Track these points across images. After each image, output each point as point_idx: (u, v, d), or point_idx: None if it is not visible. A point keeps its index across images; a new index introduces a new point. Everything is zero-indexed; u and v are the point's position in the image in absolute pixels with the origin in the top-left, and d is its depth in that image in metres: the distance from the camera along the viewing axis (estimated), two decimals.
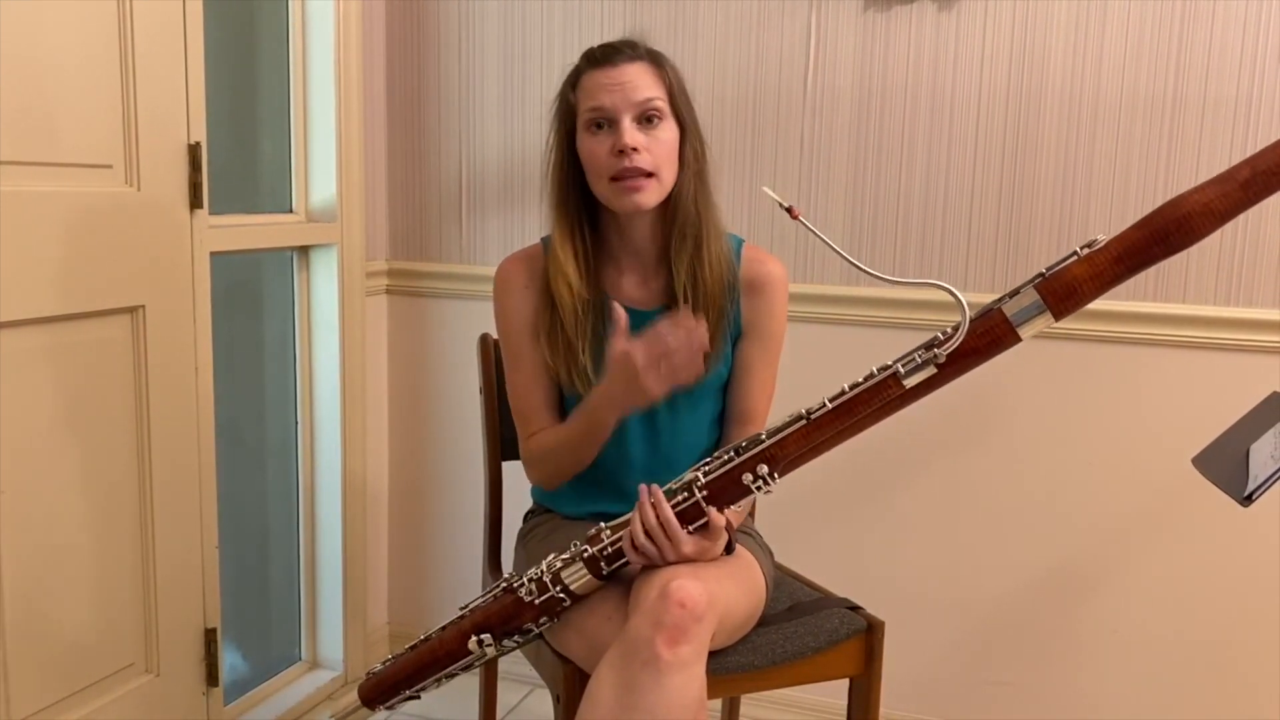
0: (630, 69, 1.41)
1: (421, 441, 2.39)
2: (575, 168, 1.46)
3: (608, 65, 1.41)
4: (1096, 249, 1.17)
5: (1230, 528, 1.84)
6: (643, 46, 1.45)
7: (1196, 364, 1.85)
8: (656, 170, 1.41)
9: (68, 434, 1.60)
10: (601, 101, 1.40)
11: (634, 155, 1.38)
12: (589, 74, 1.43)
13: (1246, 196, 1.11)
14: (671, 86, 1.43)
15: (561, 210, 1.48)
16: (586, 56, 1.45)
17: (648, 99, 1.40)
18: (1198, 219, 1.12)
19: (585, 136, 1.43)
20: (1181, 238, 1.14)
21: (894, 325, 1.98)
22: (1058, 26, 1.85)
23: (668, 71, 1.44)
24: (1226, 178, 1.12)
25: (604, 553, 1.30)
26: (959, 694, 2.06)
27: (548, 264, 1.49)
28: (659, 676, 1.17)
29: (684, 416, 1.51)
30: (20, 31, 1.47)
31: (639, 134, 1.39)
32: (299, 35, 2.12)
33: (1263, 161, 1.11)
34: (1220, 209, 1.12)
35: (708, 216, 1.47)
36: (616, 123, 1.39)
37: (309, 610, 2.31)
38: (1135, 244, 1.16)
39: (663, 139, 1.41)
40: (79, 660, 1.65)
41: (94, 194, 1.60)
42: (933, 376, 1.22)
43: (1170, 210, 1.14)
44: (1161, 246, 1.15)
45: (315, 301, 2.21)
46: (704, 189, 1.47)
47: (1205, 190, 1.12)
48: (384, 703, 1.44)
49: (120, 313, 1.67)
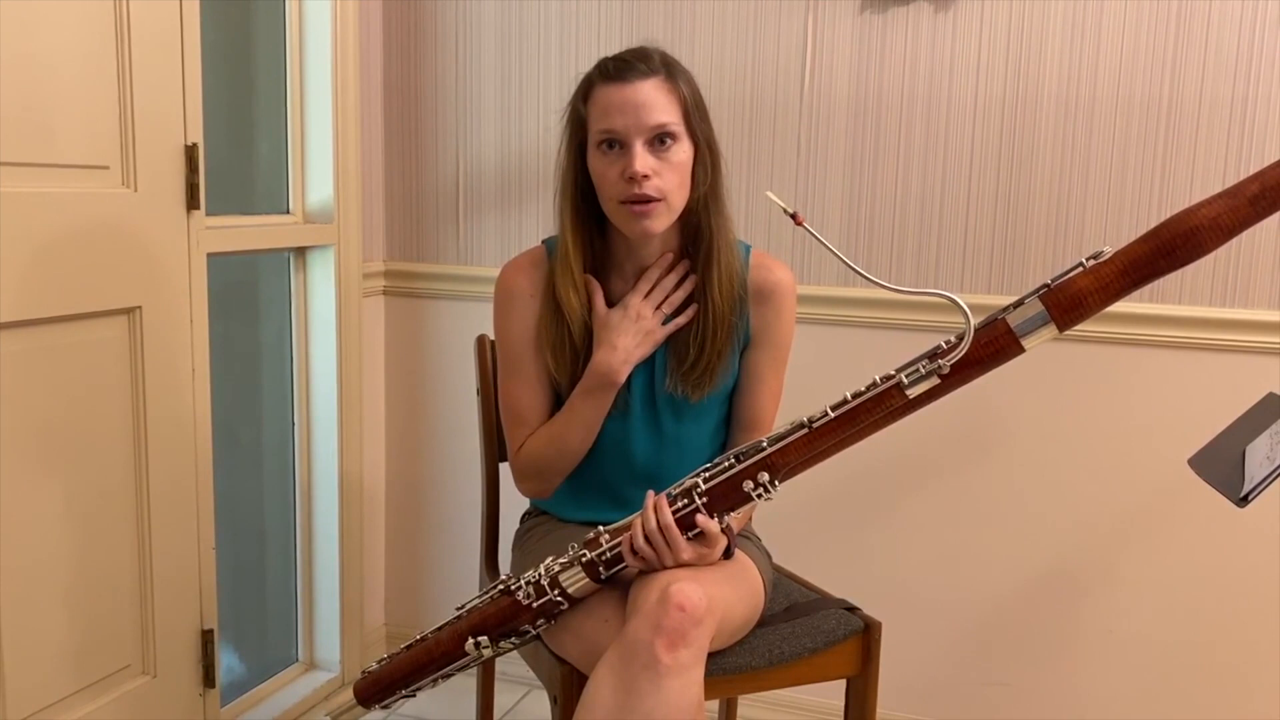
0: (644, 87, 1.36)
1: (418, 443, 2.39)
2: (585, 179, 1.43)
3: (620, 82, 1.36)
4: (1102, 261, 1.17)
5: (1227, 528, 1.85)
6: (657, 57, 1.39)
7: (1192, 365, 1.85)
8: (666, 195, 1.37)
9: (64, 435, 1.59)
10: (614, 124, 1.36)
11: (644, 182, 1.35)
12: (601, 88, 1.38)
13: (1255, 212, 1.11)
14: (686, 103, 1.39)
15: (571, 221, 1.45)
16: (600, 68, 1.40)
17: (661, 123, 1.36)
18: (1205, 234, 1.12)
19: (596, 154, 1.39)
20: (1188, 252, 1.13)
21: (891, 327, 1.98)
22: (1053, 28, 1.85)
23: (682, 86, 1.39)
24: (1235, 192, 1.12)
25: (602, 557, 1.30)
26: (956, 694, 2.06)
27: (554, 272, 1.47)
28: (658, 680, 1.17)
29: (689, 425, 1.50)
30: (17, 32, 1.46)
31: (650, 158, 1.36)
32: (296, 37, 2.12)
33: (1272, 177, 1.10)
34: (1228, 224, 1.11)
35: (720, 230, 1.44)
36: (628, 146, 1.36)
37: (306, 611, 2.31)
38: (1141, 257, 1.15)
39: (675, 161, 1.37)
40: (76, 661, 1.65)
41: (91, 195, 1.60)
42: (935, 386, 1.22)
43: (1177, 224, 1.13)
44: (1167, 260, 1.14)
45: (312, 303, 2.20)
46: (717, 203, 1.44)
47: (1213, 205, 1.12)
48: (380, 702, 1.44)
49: (117, 314, 1.67)
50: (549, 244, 1.52)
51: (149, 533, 1.75)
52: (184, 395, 1.80)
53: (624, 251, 1.48)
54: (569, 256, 1.45)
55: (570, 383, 1.47)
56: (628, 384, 1.47)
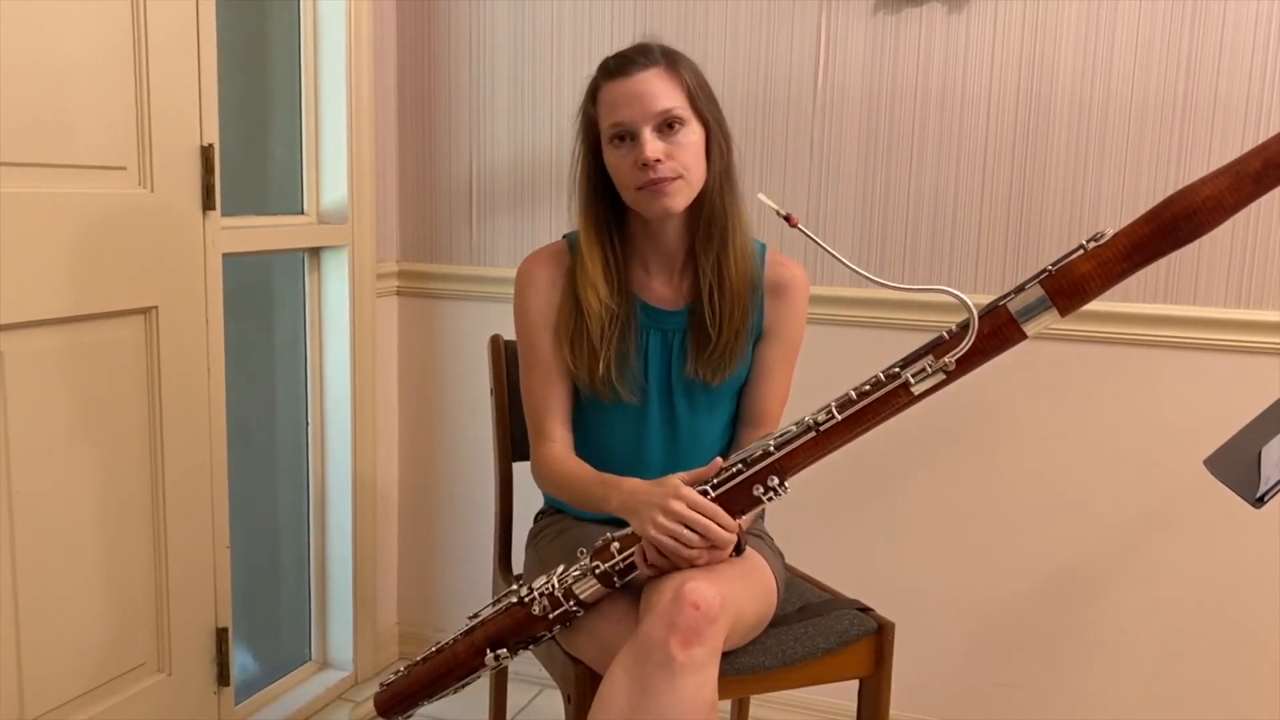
0: (646, 78, 1.38)
1: (432, 442, 2.40)
2: (602, 177, 1.45)
3: (622, 77, 1.39)
4: (1102, 243, 1.15)
5: (1241, 529, 1.84)
6: (657, 50, 1.42)
7: (1206, 366, 1.85)
8: (683, 173, 1.39)
9: (81, 434, 1.61)
10: (620, 117, 1.38)
11: (658, 166, 1.37)
12: (605, 87, 1.41)
13: (1258, 189, 1.08)
14: (690, 88, 1.41)
15: (590, 219, 1.47)
16: (602, 69, 1.43)
17: (665, 109, 1.38)
18: (1207, 213, 1.09)
19: (609, 150, 1.42)
20: (1190, 231, 1.11)
21: (899, 327, 1.98)
22: (1067, 27, 1.85)
23: (684, 73, 1.41)
24: (1237, 170, 1.09)
25: (615, 568, 1.31)
26: (968, 695, 2.06)
27: (575, 267, 1.49)
28: (672, 678, 1.18)
29: (702, 418, 1.52)
30: (35, 34, 1.48)
31: (660, 144, 1.38)
32: (310, 38, 2.13)
33: (1275, 152, 1.07)
34: (1230, 202, 1.09)
35: (734, 212, 1.46)
36: (638, 135, 1.38)
37: (319, 610, 2.32)
38: (1143, 238, 1.13)
39: (686, 143, 1.39)
40: (92, 659, 1.66)
41: (108, 196, 1.61)
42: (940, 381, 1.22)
43: (1179, 203, 1.11)
44: (1169, 240, 1.12)
45: (326, 303, 2.21)
46: (730, 186, 1.46)
47: (1214, 183, 1.09)
48: (401, 713, 1.46)
49: (133, 314, 1.68)
50: (570, 239, 1.53)
51: (164, 532, 1.76)
52: (199, 395, 1.81)
53: (645, 242, 1.49)
54: (589, 255, 1.47)
55: (588, 378, 1.48)
56: (645, 372, 1.49)
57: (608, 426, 1.53)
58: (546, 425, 1.52)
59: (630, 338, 1.48)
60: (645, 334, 1.50)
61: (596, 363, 1.47)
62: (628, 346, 1.48)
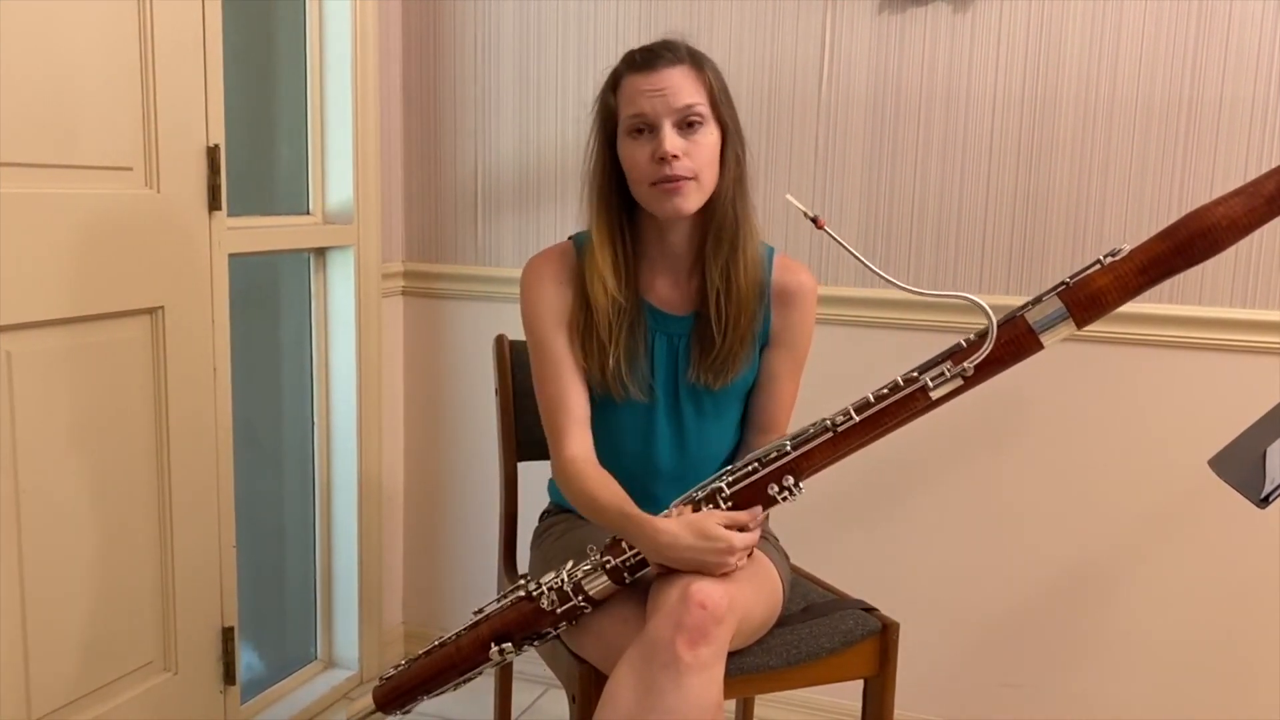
0: (671, 73, 1.38)
1: (437, 442, 2.40)
2: (616, 171, 1.44)
3: (648, 70, 1.38)
4: (1120, 258, 1.18)
5: (1246, 530, 1.84)
6: (683, 48, 1.41)
7: (1212, 366, 1.84)
8: (697, 174, 1.39)
9: (87, 434, 1.61)
10: (642, 108, 1.38)
11: (674, 162, 1.36)
12: (629, 78, 1.40)
13: (1272, 210, 1.11)
14: (713, 90, 1.41)
15: (602, 213, 1.46)
16: (627, 60, 1.42)
17: (688, 105, 1.37)
18: (1222, 232, 1.13)
19: (626, 142, 1.41)
20: (1205, 250, 1.14)
21: (909, 328, 1.98)
22: (1073, 28, 1.85)
23: (709, 74, 1.41)
24: (1252, 191, 1.12)
25: (627, 563, 1.31)
26: (972, 695, 2.06)
27: (583, 264, 1.47)
28: (679, 677, 1.18)
29: (710, 422, 1.51)
30: (41, 35, 1.48)
31: (679, 140, 1.37)
32: (316, 38, 2.13)
33: None
34: (1245, 223, 1.12)
35: (745, 220, 1.45)
36: (657, 129, 1.37)
37: (325, 609, 2.32)
38: (1159, 255, 1.16)
39: (703, 143, 1.39)
40: (98, 658, 1.67)
41: (114, 196, 1.62)
42: (957, 386, 1.23)
43: (1194, 222, 1.14)
44: (1184, 258, 1.15)
45: (332, 303, 2.22)
46: (743, 192, 1.46)
47: (1230, 203, 1.12)
48: (400, 707, 1.45)
49: (140, 314, 1.68)
50: (576, 239, 1.53)
51: (170, 531, 1.76)
52: (205, 394, 1.81)
53: (654, 243, 1.48)
54: (599, 250, 1.45)
55: (599, 374, 1.47)
56: (652, 374, 1.49)
57: (618, 428, 1.51)
58: (564, 424, 1.47)
59: (639, 335, 1.48)
60: (652, 336, 1.49)
61: (607, 358, 1.46)
62: (636, 343, 1.47)
